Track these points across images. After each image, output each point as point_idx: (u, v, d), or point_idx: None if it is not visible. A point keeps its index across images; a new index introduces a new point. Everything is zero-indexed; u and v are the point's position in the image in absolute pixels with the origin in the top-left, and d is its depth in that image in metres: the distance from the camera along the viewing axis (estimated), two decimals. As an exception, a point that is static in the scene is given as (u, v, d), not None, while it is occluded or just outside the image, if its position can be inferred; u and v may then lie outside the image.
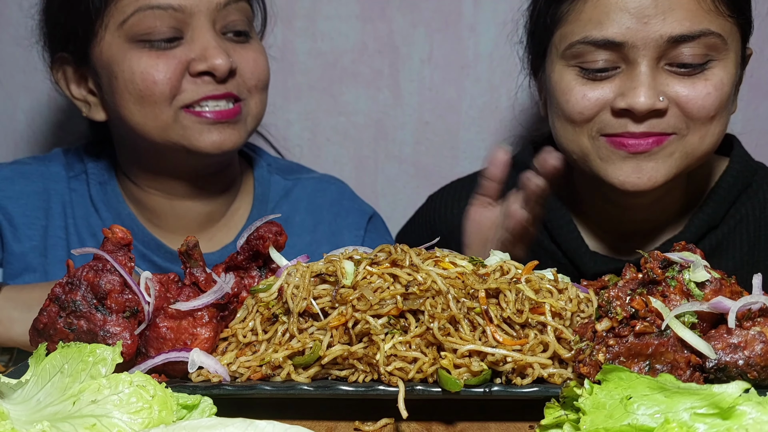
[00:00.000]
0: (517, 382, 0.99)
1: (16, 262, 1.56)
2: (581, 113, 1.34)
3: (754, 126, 1.88)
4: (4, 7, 1.87)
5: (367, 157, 1.96)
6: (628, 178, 1.33)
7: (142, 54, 1.40)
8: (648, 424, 0.80)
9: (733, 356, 0.94)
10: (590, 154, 1.37)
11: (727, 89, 1.32)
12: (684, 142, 1.33)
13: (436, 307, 1.00)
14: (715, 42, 1.29)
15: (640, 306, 0.96)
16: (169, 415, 0.86)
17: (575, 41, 1.33)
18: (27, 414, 0.87)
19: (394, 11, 1.86)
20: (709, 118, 1.31)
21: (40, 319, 1.03)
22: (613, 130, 1.32)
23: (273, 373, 1.02)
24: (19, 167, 1.61)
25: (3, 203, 1.56)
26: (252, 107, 1.50)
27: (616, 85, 1.32)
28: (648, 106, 1.28)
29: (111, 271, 1.03)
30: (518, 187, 1.54)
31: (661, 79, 1.30)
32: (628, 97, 1.29)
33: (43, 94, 1.91)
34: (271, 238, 1.14)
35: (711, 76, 1.30)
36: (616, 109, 1.31)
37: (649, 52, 1.29)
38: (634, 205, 1.45)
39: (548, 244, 1.53)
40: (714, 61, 1.31)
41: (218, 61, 1.40)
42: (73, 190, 1.60)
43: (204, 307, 1.05)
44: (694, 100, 1.30)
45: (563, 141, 1.41)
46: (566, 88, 1.36)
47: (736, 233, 1.47)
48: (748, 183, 1.48)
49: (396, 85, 1.91)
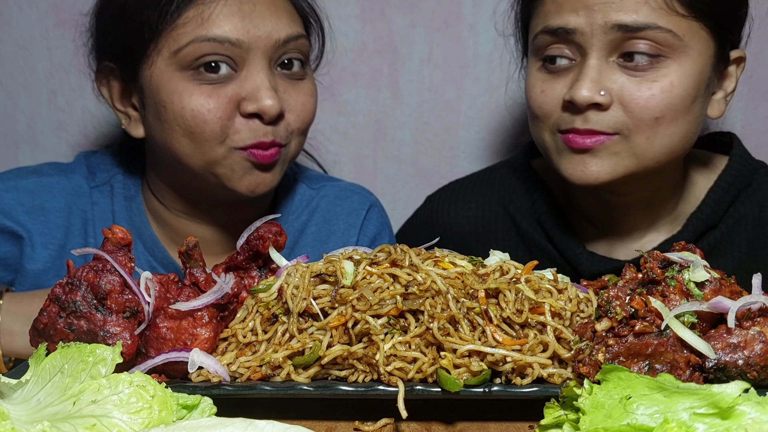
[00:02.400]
0: (517, 382, 0.99)
1: (28, 282, 1.51)
2: (540, 108, 1.37)
3: (754, 126, 1.88)
4: (5, 7, 1.87)
5: (367, 157, 1.96)
6: (575, 172, 1.35)
7: (195, 89, 1.35)
8: (647, 424, 0.80)
9: (733, 356, 0.94)
10: (550, 148, 1.39)
11: (678, 91, 1.28)
12: (629, 143, 1.32)
13: (436, 307, 1.01)
14: (666, 38, 1.27)
15: (640, 306, 0.96)
16: (169, 415, 0.86)
17: (538, 31, 1.36)
18: (27, 414, 0.87)
19: (394, 11, 1.86)
20: (653, 120, 1.29)
21: (40, 319, 1.03)
22: (564, 125, 1.34)
23: (273, 373, 1.02)
24: (42, 180, 1.54)
25: (23, 219, 1.50)
26: (291, 149, 1.46)
27: (569, 80, 1.33)
28: (587, 98, 1.28)
29: (111, 272, 1.03)
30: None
31: (609, 74, 1.30)
32: (572, 90, 1.30)
33: (43, 95, 1.91)
34: (271, 239, 1.14)
35: (660, 78, 1.28)
36: (564, 102, 1.33)
37: (596, 41, 1.29)
38: (623, 204, 1.45)
39: (545, 244, 1.53)
40: (667, 60, 1.28)
41: (268, 103, 1.35)
42: (95, 203, 1.55)
43: (204, 307, 1.05)
44: (637, 100, 1.28)
45: (533, 134, 1.44)
46: (530, 84, 1.39)
47: (735, 232, 1.46)
48: (747, 182, 1.47)
49: (395, 85, 1.91)
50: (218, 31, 1.34)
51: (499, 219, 1.59)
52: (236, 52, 1.35)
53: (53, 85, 1.90)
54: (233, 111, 1.37)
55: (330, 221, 1.63)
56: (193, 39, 1.33)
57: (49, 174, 1.56)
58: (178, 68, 1.35)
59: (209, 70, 1.35)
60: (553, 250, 1.52)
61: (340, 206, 1.65)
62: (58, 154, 1.94)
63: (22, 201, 1.50)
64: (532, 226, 1.55)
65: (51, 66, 1.89)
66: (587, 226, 1.54)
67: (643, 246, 1.49)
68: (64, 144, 1.94)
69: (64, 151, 1.94)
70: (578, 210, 1.54)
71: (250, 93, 1.36)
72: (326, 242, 1.61)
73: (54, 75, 1.90)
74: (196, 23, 1.34)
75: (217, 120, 1.35)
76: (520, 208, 1.57)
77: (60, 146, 1.94)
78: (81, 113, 1.92)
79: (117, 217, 1.54)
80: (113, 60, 1.43)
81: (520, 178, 1.60)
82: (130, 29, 1.37)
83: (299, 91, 1.44)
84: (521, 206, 1.57)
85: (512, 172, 1.62)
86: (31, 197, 1.51)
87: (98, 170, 1.58)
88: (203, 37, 1.33)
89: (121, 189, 1.56)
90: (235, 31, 1.34)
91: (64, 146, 1.94)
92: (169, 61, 1.36)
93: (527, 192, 1.57)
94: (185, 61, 1.35)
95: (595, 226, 1.53)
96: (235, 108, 1.37)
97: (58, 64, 1.88)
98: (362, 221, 1.64)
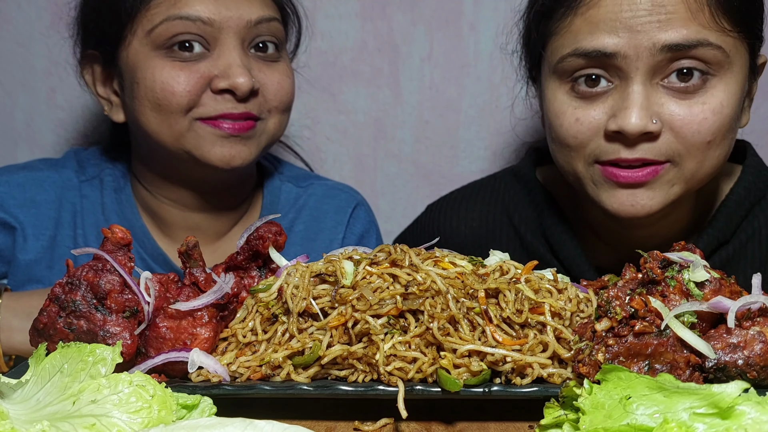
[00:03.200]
0: (517, 382, 0.99)
1: (20, 273, 1.54)
2: (575, 137, 1.28)
3: (754, 126, 1.87)
4: (4, 6, 1.86)
5: (367, 156, 1.96)
6: (622, 206, 1.27)
7: (166, 64, 1.39)
8: (647, 424, 0.80)
9: (733, 356, 0.94)
10: (584, 179, 1.31)
11: (728, 112, 1.23)
12: (681, 170, 1.25)
13: (436, 307, 1.00)
14: (715, 55, 1.21)
15: (640, 306, 0.96)
16: (169, 414, 0.86)
17: (566, 54, 1.26)
18: (27, 413, 0.87)
19: (394, 9, 1.86)
20: (705, 143, 1.23)
21: (40, 319, 1.03)
22: (606, 156, 1.25)
23: (273, 373, 1.02)
24: (33, 174, 1.58)
25: (15, 211, 1.54)
26: (269, 125, 1.48)
27: (609, 106, 1.25)
28: (640, 128, 1.20)
29: (111, 271, 1.03)
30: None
31: (656, 99, 1.22)
32: (620, 118, 1.21)
33: (42, 93, 1.91)
34: (271, 238, 1.14)
35: (709, 99, 1.22)
36: (608, 132, 1.24)
37: (642, 64, 1.21)
38: (639, 223, 1.37)
39: (550, 258, 1.47)
40: (714, 78, 1.23)
41: (240, 80, 1.38)
42: (85, 196, 1.58)
43: (204, 307, 1.05)
44: (690, 125, 1.21)
45: (559, 162, 1.35)
46: (558, 110, 1.29)
47: (748, 248, 1.40)
48: (762, 195, 1.40)
49: (396, 84, 1.90)
50: (190, 10, 1.38)
51: (502, 229, 1.53)
52: (208, 31, 1.39)
53: (52, 82, 1.90)
54: (203, 87, 1.40)
55: (318, 219, 1.65)
56: (166, 18, 1.38)
57: (40, 169, 1.60)
58: (153, 47, 1.40)
59: (183, 49, 1.39)
60: (558, 264, 1.46)
61: (328, 204, 1.66)
62: (57, 151, 1.94)
63: (14, 194, 1.55)
64: (537, 239, 1.49)
65: (50, 64, 1.89)
66: (595, 240, 1.48)
67: None
68: (63, 142, 1.94)
69: (62, 148, 1.94)
70: (587, 224, 1.48)
71: (222, 71, 1.40)
72: (314, 240, 1.63)
73: (53, 73, 1.90)
74: (169, 3, 1.39)
75: (186, 93, 1.38)
76: (524, 220, 1.51)
77: (59, 144, 1.94)
78: (80, 111, 1.92)
79: (107, 210, 1.57)
80: (95, 47, 1.48)
81: (525, 187, 1.53)
82: (108, 14, 1.42)
83: (274, 71, 1.47)
84: (526, 217, 1.51)
85: (517, 181, 1.55)
86: (23, 191, 1.55)
87: (88, 165, 1.62)
88: (175, 15, 1.38)
89: (110, 182, 1.59)
90: (206, 10, 1.39)
91: (62, 144, 1.94)
92: (144, 41, 1.40)
93: (532, 203, 1.51)
94: (159, 40, 1.39)
95: (604, 241, 1.47)
96: (205, 84, 1.40)
97: (56, 62, 1.88)
98: (348, 219, 1.66)
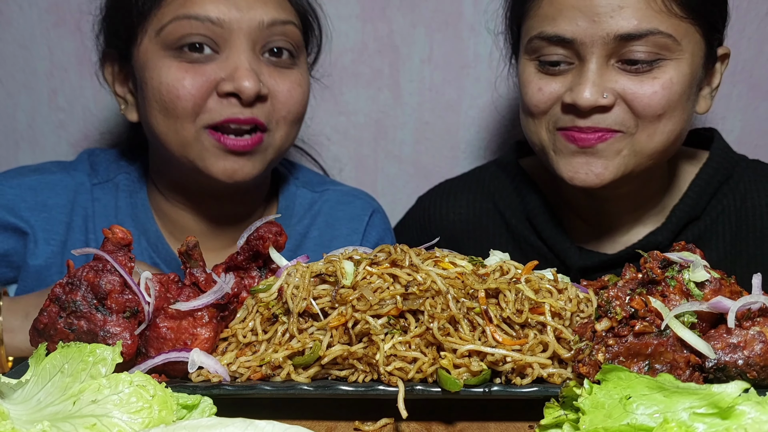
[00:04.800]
0: (517, 382, 0.99)
1: (30, 279, 1.52)
2: (536, 105, 1.39)
3: (754, 126, 1.88)
4: (5, 7, 1.87)
5: (367, 157, 1.96)
6: (577, 174, 1.37)
7: (173, 65, 1.36)
8: (647, 424, 0.80)
9: (733, 356, 0.94)
10: (547, 147, 1.41)
11: (677, 89, 1.32)
12: (632, 140, 1.35)
13: (436, 307, 1.01)
14: (665, 42, 1.30)
15: (640, 306, 0.96)
16: (169, 414, 0.86)
17: (533, 36, 1.37)
18: (27, 414, 0.87)
19: (395, 11, 1.86)
20: (656, 117, 1.33)
21: (41, 319, 1.03)
22: (564, 124, 1.36)
23: (273, 373, 1.02)
24: (45, 177, 1.55)
25: (26, 215, 1.51)
26: (276, 139, 1.43)
27: (568, 81, 1.35)
28: (590, 102, 1.31)
29: (111, 272, 1.03)
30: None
31: (610, 76, 1.32)
32: (574, 93, 1.33)
33: (43, 94, 1.91)
34: (271, 239, 1.14)
35: (660, 75, 1.31)
36: (564, 103, 1.35)
37: (597, 50, 1.31)
38: (613, 198, 1.48)
39: (534, 240, 1.57)
40: (664, 60, 1.32)
41: (245, 83, 1.34)
42: (96, 199, 1.55)
43: (204, 307, 1.05)
44: (641, 98, 1.31)
45: (527, 132, 1.46)
46: (525, 80, 1.41)
47: (718, 225, 1.50)
48: (728, 174, 1.51)
49: (396, 85, 1.91)
50: (199, 10, 1.36)
51: (489, 216, 1.63)
52: (218, 32, 1.36)
53: (54, 84, 1.91)
54: (209, 90, 1.37)
55: (333, 226, 1.63)
56: (175, 17, 1.36)
57: (52, 171, 1.57)
58: (162, 47, 1.38)
59: (192, 50, 1.37)
60: (542, 245, 1.56)
61: (343, 211, 1.64)
62: (59, 153, 1.94)
63: (25, 198, 1.52)
64: (522, 223, 1.59)
65: (51, 65, 1.89)
66: (576, 220, 1.57)
67: (630, 239, 1.51)
68: (64, 143, 1.94)
69: (64, 150, 1.94)
70: (568, 205, 1.57)
71: (228, 73, 1.37)
72: (328, 247, 1.61)
73: (54, 74, 1.90)
74: (180, 3, 1.37)
75: (190, 97, 1.35)
76: (509, 206, 1.61)
77: (60, 145, 1.95)
78: (81, 112, 1.92)
79: (120, 213, 1.55)
80: (114, 45, 1.47)
81: (509, 176, 1.63)
82: (123, 13, 1.41)
83: (286, 78, 1.43)
84: (510, 203, 1.61)
85: (501, 171, 1.66)
86: (34, 194, 1.52)
87: (101, 167, 1.59)
88: (184, 14, 1.36)
89: (125, 185, 1.57)
90: (216, 10, 1.36)
91: (64, 145, 1.94)
92: (154, 41, 1.38)
93: (516, 190, 1.61)
94: (168, 40, 1.37)
95: (584, 221, 1.56)
96: (211, 88, 1.37)
97: (58, 64, 1.88)
98: (365, 227, 1.65)
